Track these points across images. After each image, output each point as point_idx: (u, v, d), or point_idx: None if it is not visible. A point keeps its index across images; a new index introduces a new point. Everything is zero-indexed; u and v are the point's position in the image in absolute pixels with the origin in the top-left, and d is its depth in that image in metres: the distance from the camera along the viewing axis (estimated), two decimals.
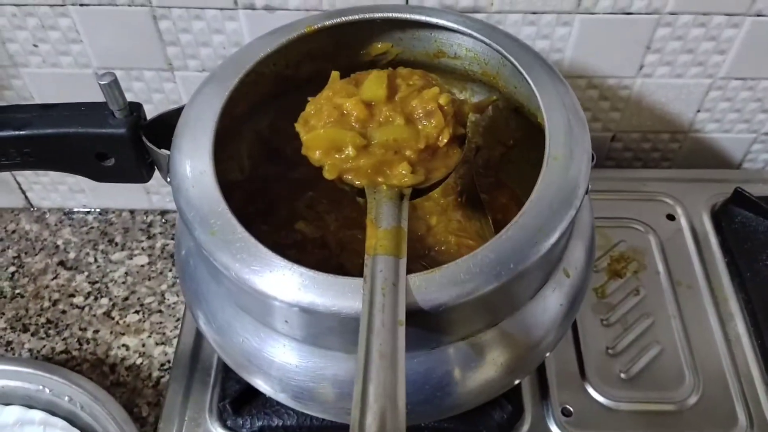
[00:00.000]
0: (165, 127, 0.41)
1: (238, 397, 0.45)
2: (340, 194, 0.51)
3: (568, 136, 0.38)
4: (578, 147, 0.38)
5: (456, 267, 0.33)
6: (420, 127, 0.40)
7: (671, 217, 0.61)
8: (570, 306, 0.41)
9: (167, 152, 0.39)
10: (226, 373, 0.47)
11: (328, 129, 0.40)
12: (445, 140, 0.40)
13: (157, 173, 0.43)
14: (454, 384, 0.37)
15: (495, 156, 0.53)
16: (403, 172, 0.39)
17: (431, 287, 0.33)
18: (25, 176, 0.73)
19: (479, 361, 0.38)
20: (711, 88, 0.62)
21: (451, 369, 0.37)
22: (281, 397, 0.38)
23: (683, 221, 0.60)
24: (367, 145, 0.39)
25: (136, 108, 0.40)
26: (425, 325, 0.35)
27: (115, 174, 0.41)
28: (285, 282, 0.33)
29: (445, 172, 0.41)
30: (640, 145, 0.68)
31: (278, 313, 0.34)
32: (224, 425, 0.45)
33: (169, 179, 0.39)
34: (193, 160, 0.37)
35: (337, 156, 0.40)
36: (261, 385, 0.38)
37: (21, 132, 0.38)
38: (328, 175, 0.40)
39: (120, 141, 0.40)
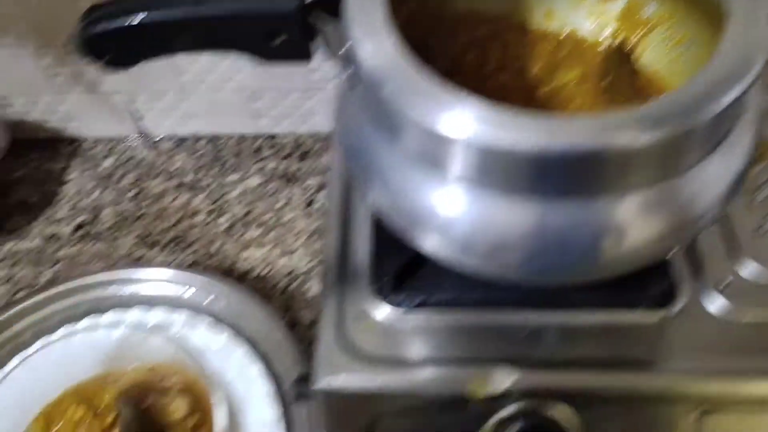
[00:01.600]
0: (326, 2, 0.41)
1: (397, 274, 0.46)
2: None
3: None
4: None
5: (653, 106, 0.33)
6: None
7: None
8: (741, 172, 0.40)
9: (337, 22, 0.40)
10: (380, 258, 0.48)
11: None
12: None
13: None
14: (619, 237, 0.37)
15: (633, 40, 0.52)
16: None
17: (631, 125, 0.33)
18: (138, 105, 0.76)
19: (648, 216, 0.37)
20: None
21: (619, 220, 0.37)
22: (449, 252, 0.39)
23: None
24: None
25: None
26: (611, 168, 0.35)
27: (282, 53, 0.42)
28: (474, 118, 0.33)
29: None
30: None
31: (462, 155, 0.35)
32: (384, 300, 0.46)
33: (341, 50, 0.40)
34: (367, 25, 0.38)
35: None
36: (430, 243, 0.39)
37: (199, 8, 0.40)
38: None
39: (289, 17, 0.40)
